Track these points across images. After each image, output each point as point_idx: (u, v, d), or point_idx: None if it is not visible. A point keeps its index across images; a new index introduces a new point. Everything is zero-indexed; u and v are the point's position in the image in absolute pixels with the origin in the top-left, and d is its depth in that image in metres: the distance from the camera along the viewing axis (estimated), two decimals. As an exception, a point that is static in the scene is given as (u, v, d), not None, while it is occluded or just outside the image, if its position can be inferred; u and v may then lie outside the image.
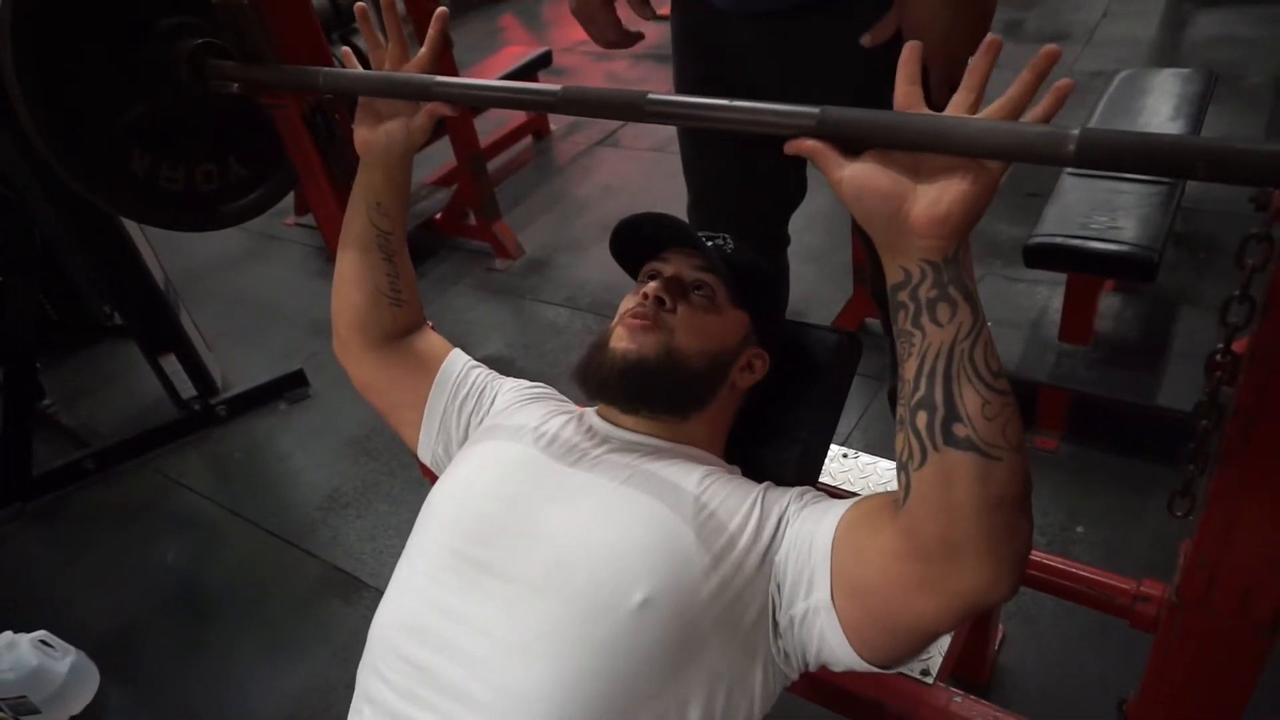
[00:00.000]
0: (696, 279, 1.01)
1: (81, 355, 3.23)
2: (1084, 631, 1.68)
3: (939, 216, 0.64)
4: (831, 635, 0.79)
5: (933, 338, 0.67)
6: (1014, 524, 0.68)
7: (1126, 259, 1.89)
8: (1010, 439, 0.67)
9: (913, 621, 0.74)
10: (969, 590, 0.69)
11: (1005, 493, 0.67)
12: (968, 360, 0.66)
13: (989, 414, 0.66)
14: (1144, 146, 0.59)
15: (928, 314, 0.67)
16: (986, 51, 0.67)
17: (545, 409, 1.06)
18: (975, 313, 0.66)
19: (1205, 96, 2.38)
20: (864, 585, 0.77)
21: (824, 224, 3.02)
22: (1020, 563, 0.69)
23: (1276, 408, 0.65)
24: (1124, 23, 4.22)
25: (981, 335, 0.66)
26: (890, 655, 0.78)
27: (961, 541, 0.67)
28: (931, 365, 0.67)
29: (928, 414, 0.67)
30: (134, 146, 1.20)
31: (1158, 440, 2.02)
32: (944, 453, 0.67)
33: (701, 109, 0.76)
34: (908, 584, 0.72)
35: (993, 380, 0.66)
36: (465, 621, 0.83)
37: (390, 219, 1.06)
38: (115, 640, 2.08)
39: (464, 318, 3.11)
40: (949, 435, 0.66)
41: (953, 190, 0.64)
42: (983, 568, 0.68)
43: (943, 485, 0.67)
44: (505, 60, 4.15)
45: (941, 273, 0.66)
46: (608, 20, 1.34)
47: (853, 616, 0.77)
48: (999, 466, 0.66)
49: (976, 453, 0.66)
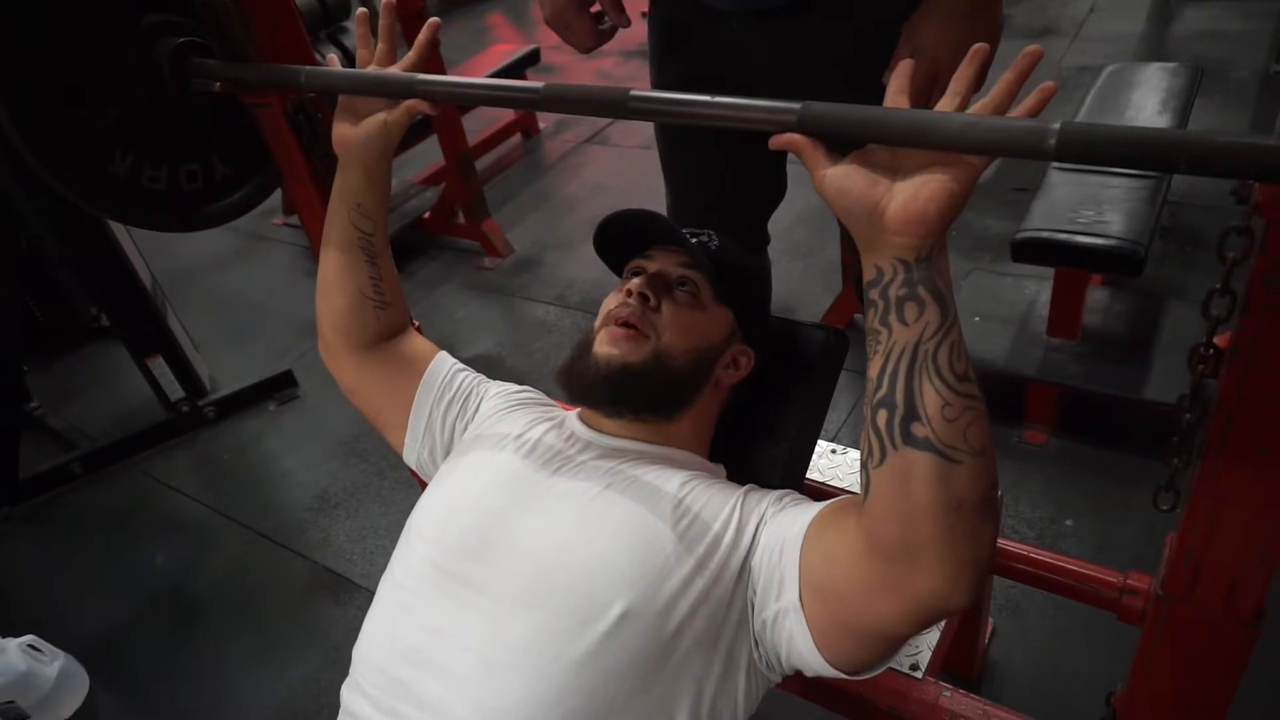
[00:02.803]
0: (681, 275, 1.00)
1: (68, 357, 3.20)
2: (1074, 625, 1.68)
3: (915, 214, 0.64)
4: (800, 638, 0.78)
5: (898, 336, 0.66)
6: (974, 529, 0.67)
7: (1113, 253, 1.90)
8: (972, 443, 0.66)
9: (873, 624, 0.74)
10: (927, 593, 0.68)
11: (965, 496, 0.66)
12: (931, 360, 0.65)
13: (949, 415, 0.65)
14: (1125, 140, 0.59)
15: (895, 312, 0.66)
16: (973, 59, 0.67)
17: (529, 416, 1.05)
18: (944, 314, 0.66)
19: (1191, 91, 2.39)
20: (828, 586, 0.76)
21: (812, 221, 3.02)
22: (980, 567, 0.69)
23: (1258, 401, 0.65)
24: (1111, 18, 4.24)
25: (948, 337, 0.66)
26: (855, 660, 0.78)
27: (920, 543, 0.67)
28: (895, 364, 0.67)
29: (888, 412, 0.67)
30: (115, 146, 1.19)
31: (1146, 433, 2.03)
32: (902, 452, 0.66)
33: (684, 105, 0.76)
34: (868, 585, 0.72)
35: (956, 382, 0.66)
36: (445, 636, 0.83)
37: (371, 220, 1.05)
38: (105, 644, 2.07)
39: (453, 317, 3.10)
40: (907, 434, 0.66)
41: (930, 187, 0.64)
42: (941, 570, 0.67)
43: (900, 485, 0.67)
44: (493, 58, 4.13)
45: (912, 271, 0.66)
46: (584, 27, 1.31)
47: (820, 619, 0.77)
48: (958, 469, 0.66)
49: (935, 453, 0.65)
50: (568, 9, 1.29)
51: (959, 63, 0.65)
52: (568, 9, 1.29)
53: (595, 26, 1.32)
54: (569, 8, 1.29)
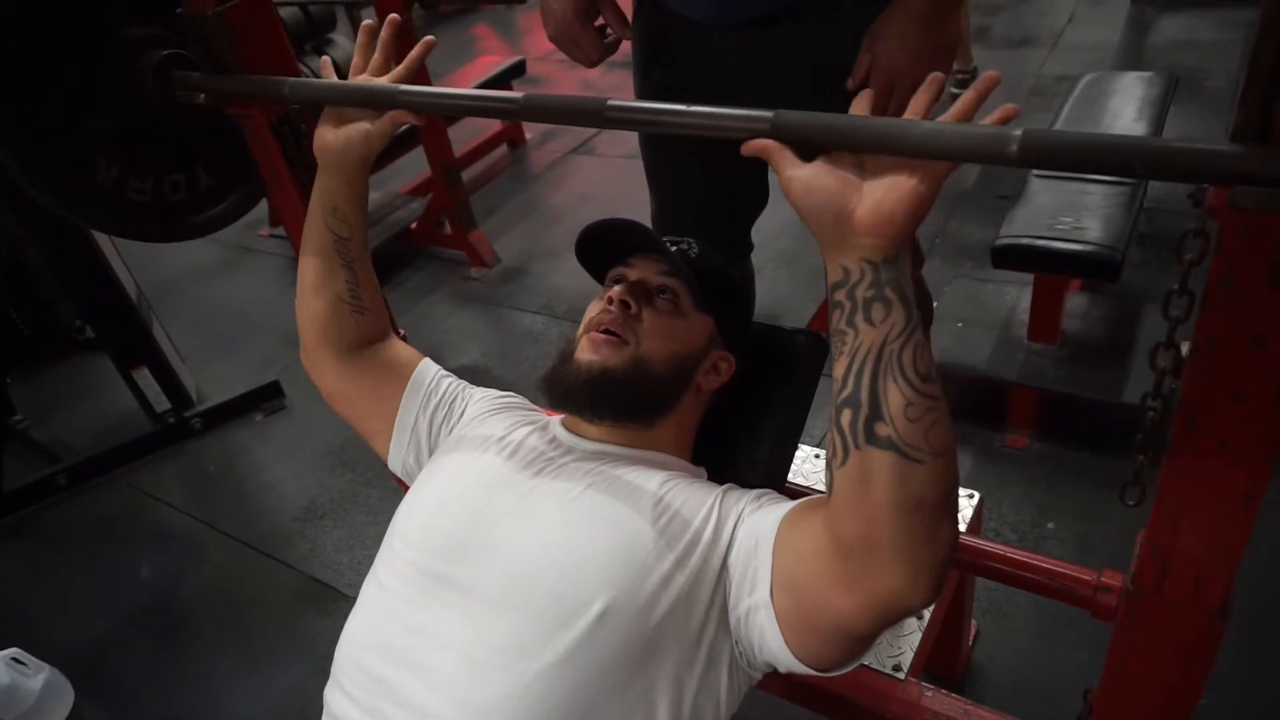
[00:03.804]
0: (661, 283, 1.02)
1: (53, 369, 3.19)
2: (1055, 625, 1.70)
3: (883, 216, 0.66)
4: (770, 634, 0.80)
5: (864, 336, 0.68)
6: (932, 529, 0.68)
7: (1091, 259, 1.93)
8: (934, 443, 0.67)
9: (836, 621, 0.75)
10: (885, 590, 0.69)
11: (924, 495, 0.67)
12: (895, 360, 0.67)
13: (911, 415, 0.67)
14: (1084, 146, 0.61)
15: (862, 313, 0.68)
16: (931, 85, 0.69)
17: (511, 419, 1.06)
18: (909, 315, 0.68)
19: (1167, 99, 2.42)
20: (795, 581, 0.78)
21: (796, 231, 3.04)
22: (940, 568, 0.70)
23: (1217, 398, 0.67)
24: (1089, 28, 4.29)
25: (913, 338, 0.67)
26: (822, 657, 0.79)
27: (879, 541, 0.68)
28: (860, 364, 0.68)
29: (852, 412, 0.68)
30: (100, 157, 1.20)
31: (1125, 436, 2.04)
32: (865, 451, 0.68)
33: (659, 114, 0.78)
34: (831, 580, 0.73)
35: (919, 383, 0.67)
36: (427, 635, 0.84)
37: (348, 225, 1.05)
38: (89, 656, 2.06)
39: (440, 327, 3.11)
40: (870, 433, 0.67)
41: (898, 190, 0.66)
42: (899, 570, 0.68)
43: (862, 483, 0.68)
44: (479, 70, 4.16)
45: (880, 273, 0.67)
46: (589, 42, 1.32)
47: (788, 614, 0.78)
48: (919, 469, 0.67)
49: (896, 452, 0.67)
50: (573, 25, 1.30)
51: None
52: (573, 25, 1.30)
53: (600, 40, 1.33)
54: (574, 24, 1.30)
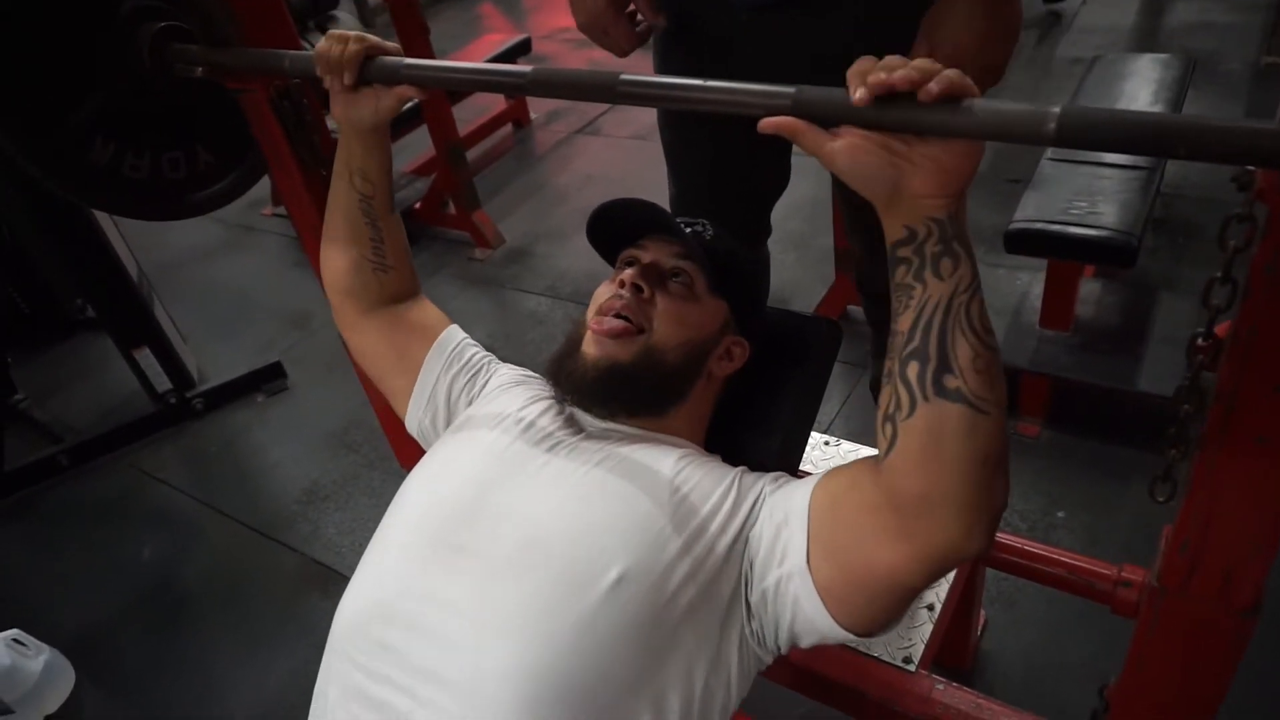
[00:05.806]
0: (674, 266, 0.99)
1: (54, 349, 3.17)
2: (1066, 617, 1.68)
3: (947, 173, 0.66)
4: (806, 601, 0.78)
5: (933, 290, 0.68)
6: (993, 481, 0.69)
7: (1106, 244, 1.89)
8: (997, 395, 0.68)
9: (887, 576, 0.74)
10: (944, 542, 0.70)
11: (990, 448, 0.68)
12: (964, 312, 0.67)
13: (979, 366, 0.67)
14: (1125, 125, 0.58)
15: (931, 268, 0.68)
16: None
17: (528, 394, 1.05)
18: (974, 268, 0.68)
19: (1184, 81, 2.38)
20: (840, 542, 0.77)
21: (806, 211, 3.01)
22: (995, 520, 0.71)
23: (1257, 391, 0.65)
24: (1103, 10, 4.23)
25: (979, 291, 0.68)
26: (867, 618, 0.78)
27: (943, 494, 0.68)
28: (929, 317, 0.68)
29: (920, 364, 0.68)
30: (96, 135, 1.16)
31: (1138, 425, 2.03)
32: (934, 403, 0.68)
33: (676, 89, 0.75)
34: (883, 535, 0.73)
35: (985, 335, 0.68)
36: (436, 601, 0.82)
37: (371, 183, 1.06)
38: (91, 637, 2.05)
39: (444, 308, 2.98)
40: (940, 386, 0.67)
41: (955, 146, 0.65)
42: (960, 522, 0.69)
43: (930, 436, 0.68)
44: (484, 48, 4.11)
45: (947, 228, 0.67)
46: (622, 31, 1.27)
47: (828, 578, 0.77)
48: (986, 420, 0.67)
49: (966, 404, 0.67)
50: (605, 13, 1.25)
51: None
52: (605, 13, 1.25)
53: (632, 29, 1.29)
54: (606, 11, 1.25)
